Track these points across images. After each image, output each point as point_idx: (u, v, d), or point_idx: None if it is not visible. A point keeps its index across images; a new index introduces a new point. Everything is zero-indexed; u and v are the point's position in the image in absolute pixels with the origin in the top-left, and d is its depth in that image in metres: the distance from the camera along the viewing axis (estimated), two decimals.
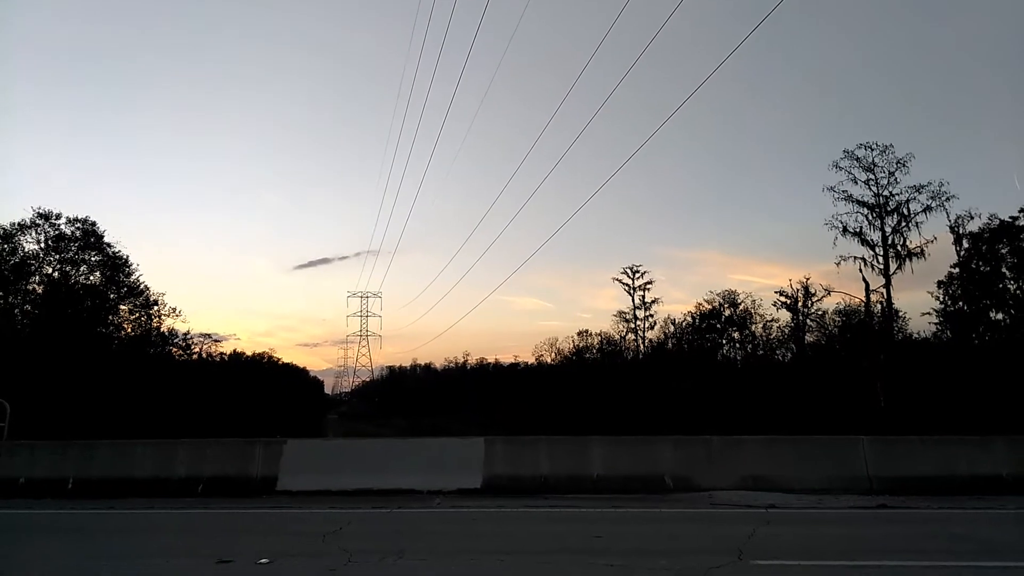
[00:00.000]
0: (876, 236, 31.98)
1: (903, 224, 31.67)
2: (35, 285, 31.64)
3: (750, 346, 41.61)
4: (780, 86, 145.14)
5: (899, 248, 31.57)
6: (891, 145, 32.34)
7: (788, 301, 38.71)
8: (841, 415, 26.76)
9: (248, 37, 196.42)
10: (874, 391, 28.18)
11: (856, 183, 32.57)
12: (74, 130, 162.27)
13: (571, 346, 57.53)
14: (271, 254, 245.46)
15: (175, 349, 40.85)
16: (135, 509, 10.55)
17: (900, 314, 33.45)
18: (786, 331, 39.98)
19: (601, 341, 53.25)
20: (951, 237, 31.36)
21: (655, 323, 47.38)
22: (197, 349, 45.85)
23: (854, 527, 9.01)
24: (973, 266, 31.29)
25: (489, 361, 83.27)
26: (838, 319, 37.51)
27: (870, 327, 32.31)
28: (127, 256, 34.91)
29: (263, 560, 6.88)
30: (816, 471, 12.08)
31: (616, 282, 48.49)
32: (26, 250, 31.71)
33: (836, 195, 32.78)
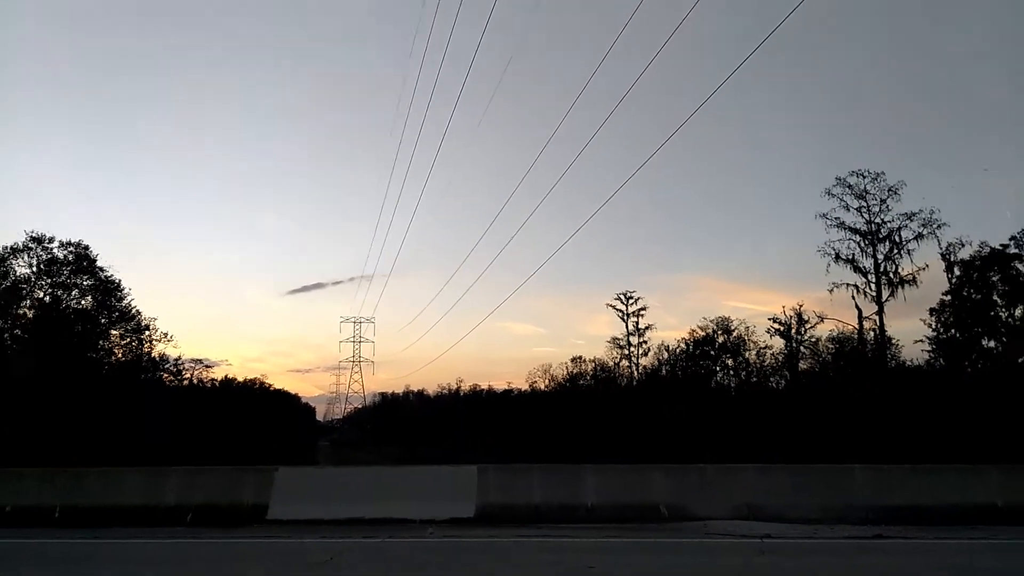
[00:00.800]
0: (868, 263, 32.18)
1: (895, 251, 31.89)
2: (26, 309, 31.49)
3: (744, 373, 41.60)
4: (772, 115, 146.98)
5: (891, 275, 31.76)
6: (883, 173, 32.65)
7: (781, 328, 38.80)
8: (835, 443, 26.71)
9: (244, 63, 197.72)
10: (868, 419, 28.16)
11: (848, 210, 32.82)
12: (69, 151, 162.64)
13: (565, 372, 57.39)
14: (264, 279, 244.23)
15: (166, 374, 40.56)
16: (123, 539, 10.39)
17: (893, 341, 33.55)
18: (780, 358, 40.01)
19: (595, 367, 53.18)
20: (943, 264, 31.60)
21: (649, 349, 47.36)
22: (188, 374, 45.48)
23: (851, 558, 8.95)
24: (965, 293, 31.44)
25: (482, 387, 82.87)
26: (831, 346, 37.56)
27: (863, 354, 32.38)
28: (119, 280, 34.84)
29: None
30: (811, 500, 12.02)
31: (610, 308, 48.60)
32: (18, 274, 31.61)
33: (829, 222, 33.01)
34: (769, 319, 39.60)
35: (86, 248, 33.57)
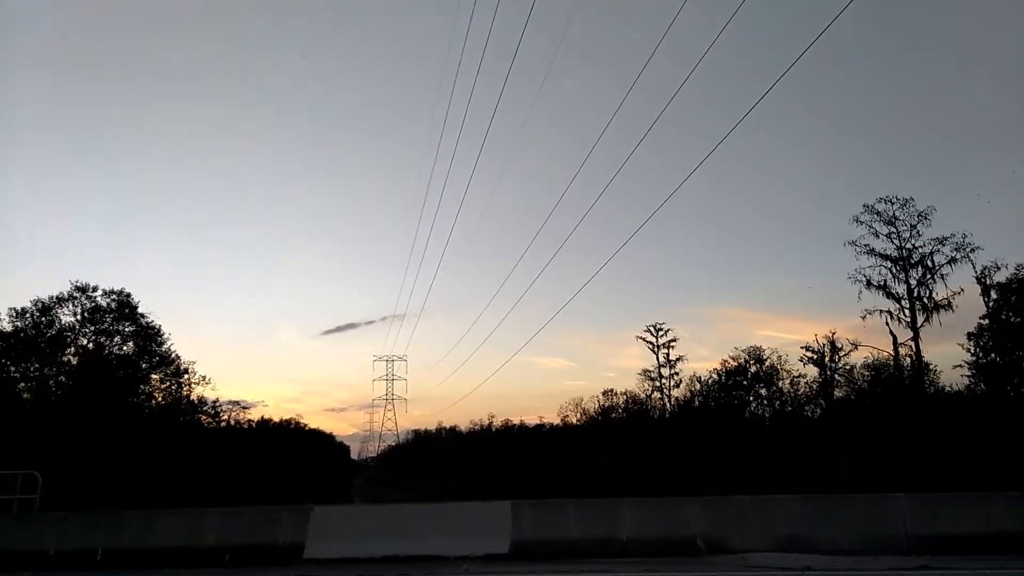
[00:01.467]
0: (901, 289, 31.70)
1: (928, 276, 31.39)
2: (70, 356, 32.35)
3: (778, 402, 40.90)
4: (798, 143, 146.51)
5: (925, 300, 31.23)
6: (911, 198, 32.29)
7: (815, 356, 38.17)
8: (874, 472, 26.06)
9: (279, 104, 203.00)
10: (908, 446, 27.49)
11: (878, 236, 32.48)
12: (106, 204, 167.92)
13: (596, 405, 56.92)
14: (298, 320, 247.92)
15: (204, 416, 41.16)
16: None
17: (930, 367, 32.82)
18: (814, 386, 39.30)
19: (626, 400, 52.65)
20: (978, 288, 31.02)
21: (681, 381, 46.83)
22: (226, 416, 46.08)
23: None
24: (1003, 317, 30.79)
25: (514, 422, 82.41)
26: (867, 373, 36.85)
27: (900, 381, 31.71)
28: (159, 326, 35.70)
29: None
30: (853, 530, 11.78)
31: (640, 340, 48.30)
32: (63, 322, 32.60)
33: (858, 249, 32.68)
34: (802, 347, 39.04)
35: (127, 296, 34.58)
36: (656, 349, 47.24)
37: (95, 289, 33.77)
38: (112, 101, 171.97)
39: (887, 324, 31.33)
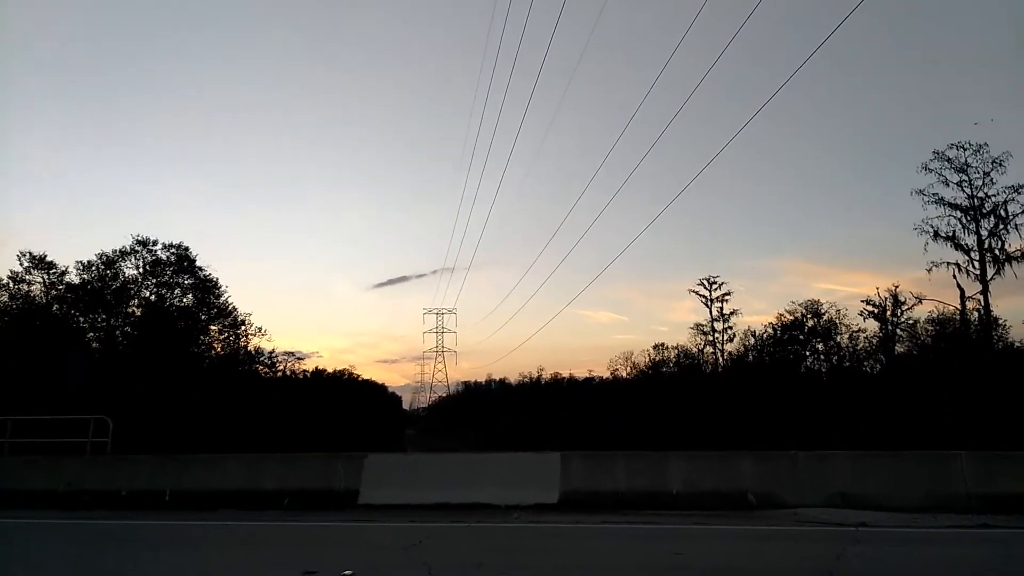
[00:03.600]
0: (971, 240, 30.35)
1: (1000, 227, 29.94)
2: (134, 308, 33.63)
3: (835, 358, 39.98)
4: (863, 87, 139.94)
5: (997, 252, 29.86)
6: (985, 144, 30.66)
7: (876, 310, 37.03)
8: (936, 429, 25.36)
9: (325, 64, 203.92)
10: (972, 404, 26.59)
11: (948, 185, 31.03)
12: (162, 154, 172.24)
13: (647, 360, 56.66)
14: (351, 273, 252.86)
15: (261, 367, 42.51)
16: (226, 520, 11.01)
17: (1000, 321, 31.50)
18: (874, 341, 38.23)
19: (678, 354, 52.23)
20: None
21: (734, 335, 46.14)
22: (281, 366, 47.51)
23: (953, 548, 8.53)
24: None
25: (563, 375, 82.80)
26: (931, 328, 35.61)
27: (967, 336, 30.57)
28: (217, 279, 36.72)
29: (347, 572, 7.06)
30: (910, 488, 11.49)
31: (693, 294, 47.61)
32: (126, 275, 33.83)
33: (926, 198, 31.33)
34: (862, 301, 37.92)
35: (186, 249, 35.56)
36: (710, 303, 46.56)
37: (155, 243, 34.85)
38: (166, 55, 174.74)
39: (954, 277, 30.19)
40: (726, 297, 46.51)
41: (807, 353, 41.05)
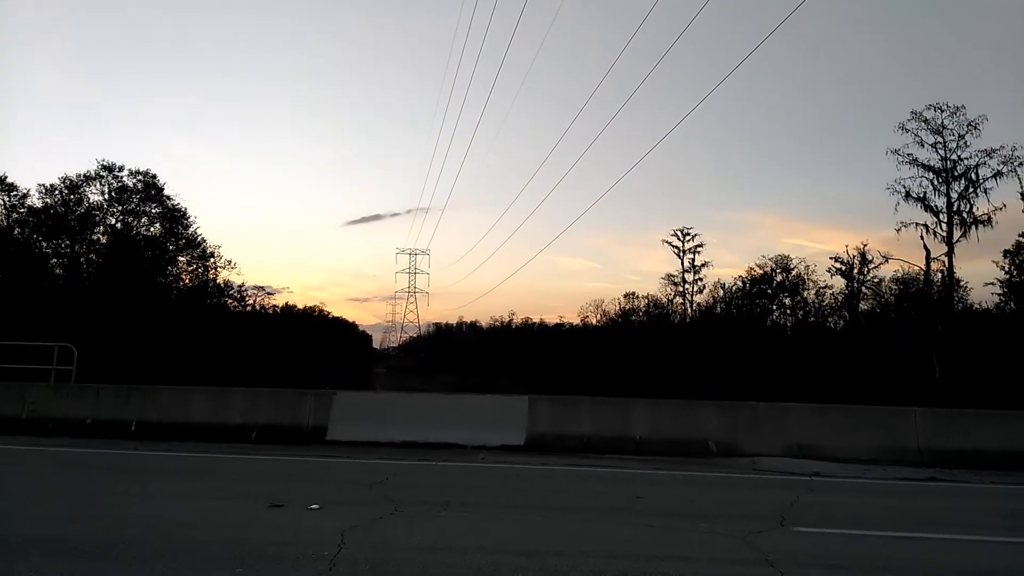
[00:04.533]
0: (941, 202, 30.79)
1: (970, 190, 30.37)
2: (99, 235, 32.86)
3: (801, 313, 40.79)
4: (843, 44, 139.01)
5: (964, 215, 30.35)
6: (962, 106, 30.84)
7: (843, 267, 37.69)
8: (894, 386, 26.16)
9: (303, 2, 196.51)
10: (930, 362, 27.41)
11: (923, 146, 31.27)
12: (136, 83, 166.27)
13: (617, 308, 57.27)
14: (324, 209, 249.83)
15: (230, 300, 42.12)
16: (193, 452, 11.02)
17: (962, 284, 32.26)
18: (840, 298, 39.02)
19: (648, 304, 52.88)
20: (1021, 204, 29.99)
21: (704, 287, 46.79)
22: (251, 301, 47.13)
23: (901, 498, 8.88)
24: None
25: (534, 320, 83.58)
26: (895, 287, 36.41)
27: (929, 296, 31.29)
28: (185, 208, 35.95)
29: (313, 506, 7.13)
30: (865, 441, 11.90)
31: (666, 244, 47.92)
32: (91, 201, 32.91)
33: (900, 158, 31.59)
34: (831, 258, 38.62)
35: (154, 177, 34.66)
36: (682, 254, 46.98)
37: (121, 169, 33.90)
38: None
39: (922, 238, 30.72)
40: (698, 249, 46.96)
41: (774, 307, 41.80)
